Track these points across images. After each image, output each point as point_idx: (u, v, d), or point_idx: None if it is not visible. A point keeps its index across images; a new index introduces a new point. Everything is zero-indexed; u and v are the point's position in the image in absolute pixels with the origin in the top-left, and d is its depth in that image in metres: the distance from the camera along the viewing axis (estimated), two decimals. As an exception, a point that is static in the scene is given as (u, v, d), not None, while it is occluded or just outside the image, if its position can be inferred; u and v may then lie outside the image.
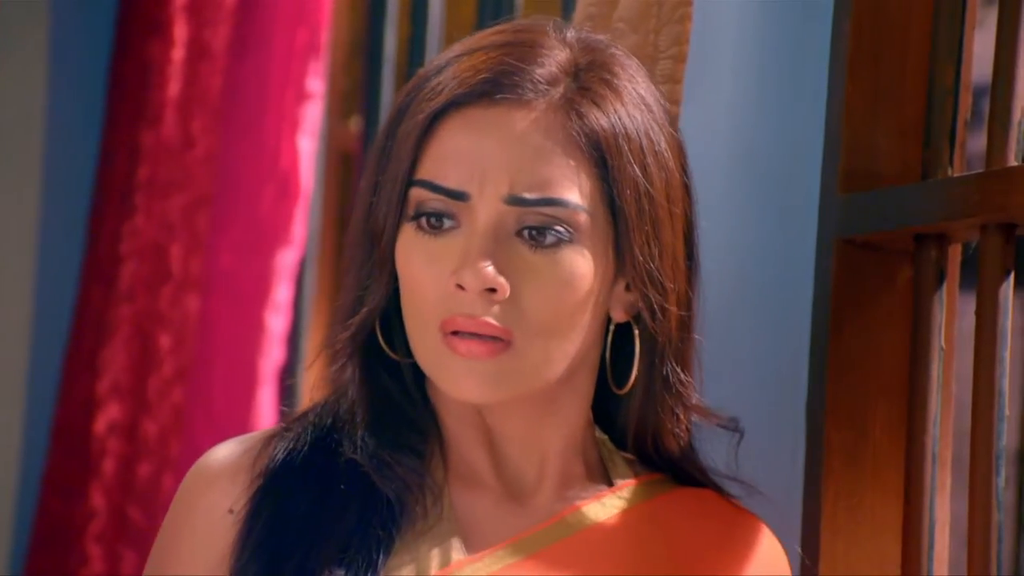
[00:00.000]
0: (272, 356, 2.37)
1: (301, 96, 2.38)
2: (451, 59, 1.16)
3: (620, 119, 1.15)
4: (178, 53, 2.34)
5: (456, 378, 1.13)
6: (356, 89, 2.70)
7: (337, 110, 2.77)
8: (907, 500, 1.30)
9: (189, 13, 2.34)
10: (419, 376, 1.18)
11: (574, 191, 1.14)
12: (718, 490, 1.22)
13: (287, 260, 2.38)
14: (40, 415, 2.40)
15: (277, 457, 1.15)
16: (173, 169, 2.33)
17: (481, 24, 2.14)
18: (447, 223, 1.13)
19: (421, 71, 1.18)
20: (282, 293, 2.38)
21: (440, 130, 1.14)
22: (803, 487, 1.36)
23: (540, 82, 1.14)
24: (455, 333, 1.13)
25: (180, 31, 2.34)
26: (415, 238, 1.14)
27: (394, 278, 1.16)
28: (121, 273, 2.32)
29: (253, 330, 2.35)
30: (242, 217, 2.38)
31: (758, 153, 1.49)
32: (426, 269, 1.13)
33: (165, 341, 2.31)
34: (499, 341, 1.12)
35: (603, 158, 1.15)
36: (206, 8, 2.34)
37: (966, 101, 1.33)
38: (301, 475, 1.14)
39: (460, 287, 1.12)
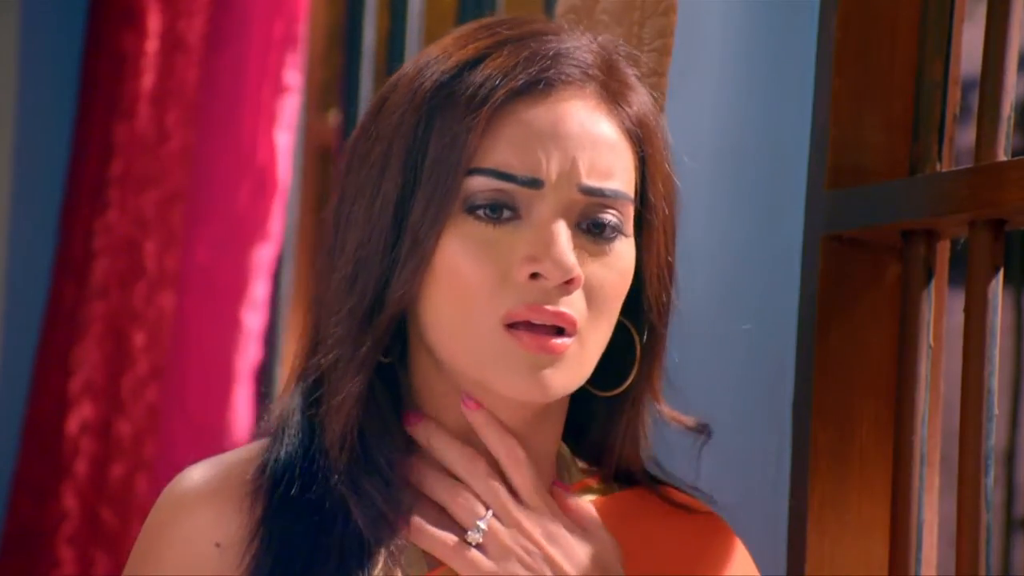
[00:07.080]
0: (248, 354, 2.34)
1: (278, 89, 2.36)
2: (470, 53, 1.12)
3: (647, 106, 1.15)
4: (152, 45, 2.31)
5: (519, 375, 1.09)
6: (334, 82, 2.68)
7: (315, 103, 2.75)
8: (894, 500, 1.29)
9: (164, 4, 2.31)
10: (395, 385, 1.14)
11: (629, 181, 1.13)
12: (675, 488, 1.20)
13: (264, 256, 2.36)
14: (11, 414, 2.37)
15: (271, 496, 1.10)
16: (147, 163, 2.30)
17: (462, 17, 2.12)
18: (506, 213, 1.10)
19: (417, 68, 1.13)
20: (259, 290, 2.35)
21: (499, 119, 1.10)
22: (789, 487, 1.35)
23: (586, 66, 1.12)
24: (514, 326, 1.09)
25: (154, 22, 2.31)
26: (472, 228, 1.10)
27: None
28: (94, 269, 2.29)
29: (229, 328, 2.32)
30: (218, 212, 2.35)
31: (744, 148, 1.48)
32: (485, 260, 1.09)
33: (139, 339, 2.28)
34: (564, 335, 1.10)
35: (642, 147, 1.13)
36: (181, -1, 2.32)
37: (955, 95, 1.32)
38: (292, 518, 1.09)
39: (535, 276, 1.09)
